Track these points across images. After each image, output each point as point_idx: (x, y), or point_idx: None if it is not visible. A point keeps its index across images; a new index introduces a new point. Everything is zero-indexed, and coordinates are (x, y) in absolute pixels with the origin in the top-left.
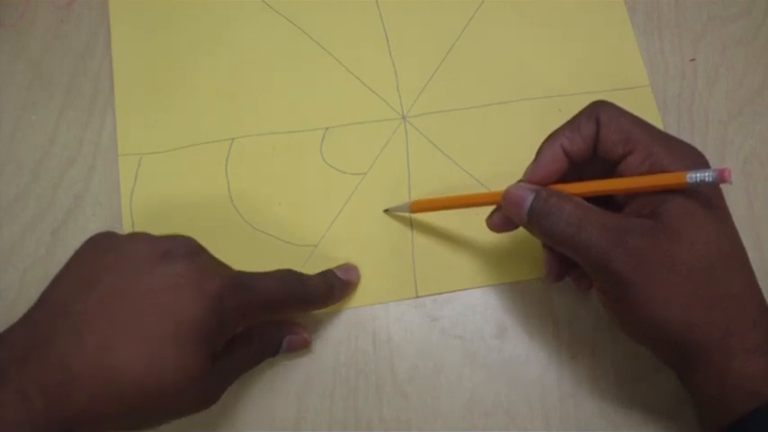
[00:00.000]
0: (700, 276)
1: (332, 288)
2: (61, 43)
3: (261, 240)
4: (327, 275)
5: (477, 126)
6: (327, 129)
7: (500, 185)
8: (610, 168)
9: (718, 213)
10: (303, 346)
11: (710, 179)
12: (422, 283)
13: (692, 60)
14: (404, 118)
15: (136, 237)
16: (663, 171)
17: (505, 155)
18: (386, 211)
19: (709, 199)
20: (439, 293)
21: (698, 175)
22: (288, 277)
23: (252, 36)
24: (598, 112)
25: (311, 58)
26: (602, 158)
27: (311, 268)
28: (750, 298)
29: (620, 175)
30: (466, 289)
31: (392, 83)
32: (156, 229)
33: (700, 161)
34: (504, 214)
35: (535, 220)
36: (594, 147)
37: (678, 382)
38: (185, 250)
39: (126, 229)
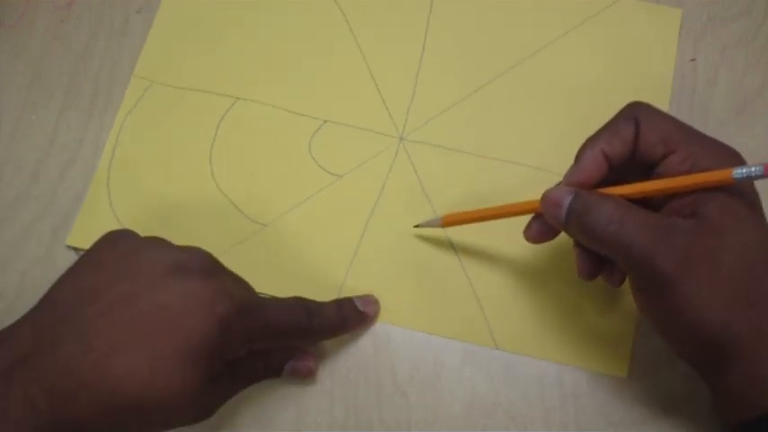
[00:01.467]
0: (741, 276)
1: (345, 321)
2: (61, 43)
3: (217, 200)
4: (344, 306)
5: (466, 174)
6: (326, 122)
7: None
8: (646, 172)
9: (759, 214)
10: (306, 375)
11: (758, 173)
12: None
13: (692, 60)
14: (401, 139)
15: (153, 243)
16: (705, 170)
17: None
18: (416, 226)
19: (750, 199)
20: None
21: (744, 170)
22: (298, 308)
23: (298, 9)
24: (636, 113)
25: (340, 48)
26: (641, 161)
27: (256, 244)
28: None
29: (661, 177)
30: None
31: (405, 101)
32: (129, 157)
33: (739, 160)
34: (544, 219)
35: (574, 219)
36: (634, 149)
37: (678, 382)
38: (200, 266)
39: (108, 147)
